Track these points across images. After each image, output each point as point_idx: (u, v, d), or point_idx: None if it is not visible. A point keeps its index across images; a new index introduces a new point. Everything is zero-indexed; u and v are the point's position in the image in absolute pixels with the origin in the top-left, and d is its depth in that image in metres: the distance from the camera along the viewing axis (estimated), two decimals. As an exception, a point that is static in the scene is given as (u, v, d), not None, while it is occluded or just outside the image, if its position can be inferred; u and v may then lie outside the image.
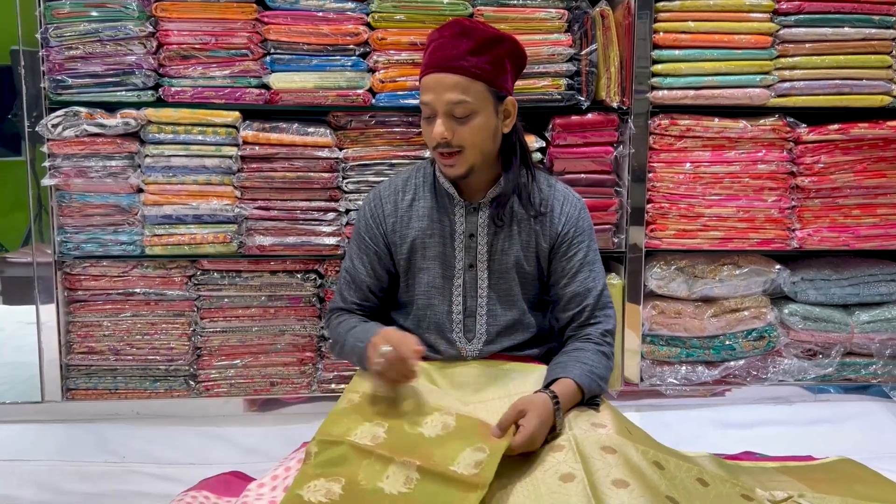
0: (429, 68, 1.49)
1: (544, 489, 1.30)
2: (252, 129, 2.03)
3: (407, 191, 1.64)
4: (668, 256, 2.23)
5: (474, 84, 1.47)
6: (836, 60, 2.15)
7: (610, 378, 1.58)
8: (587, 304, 1.59)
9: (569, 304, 1.60)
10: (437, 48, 1.49)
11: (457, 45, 1.47)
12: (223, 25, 2.01)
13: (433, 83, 1.48)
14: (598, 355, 1.54)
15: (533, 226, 1.60)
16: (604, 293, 1.62)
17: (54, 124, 1.97)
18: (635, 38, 2.09)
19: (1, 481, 1.85)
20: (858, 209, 2.23)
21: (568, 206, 1.62)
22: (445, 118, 1.47)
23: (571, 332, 1.61)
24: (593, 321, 1.59)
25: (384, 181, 1.70)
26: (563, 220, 1.61)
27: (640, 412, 2.21)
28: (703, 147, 2.17)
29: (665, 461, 1.40)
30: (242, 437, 2.08)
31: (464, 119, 1.48)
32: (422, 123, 1.54)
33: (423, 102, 1.50)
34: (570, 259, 1.60)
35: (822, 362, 2.27)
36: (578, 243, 1.61)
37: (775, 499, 1.53)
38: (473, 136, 1.49)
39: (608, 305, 1.62)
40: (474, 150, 1.50)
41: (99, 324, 2.11)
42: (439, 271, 1.61)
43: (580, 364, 1.50)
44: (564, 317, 1.62)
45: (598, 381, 1.50)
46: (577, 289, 1.59)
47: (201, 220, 2.07)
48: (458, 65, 1.46)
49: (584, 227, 1.62)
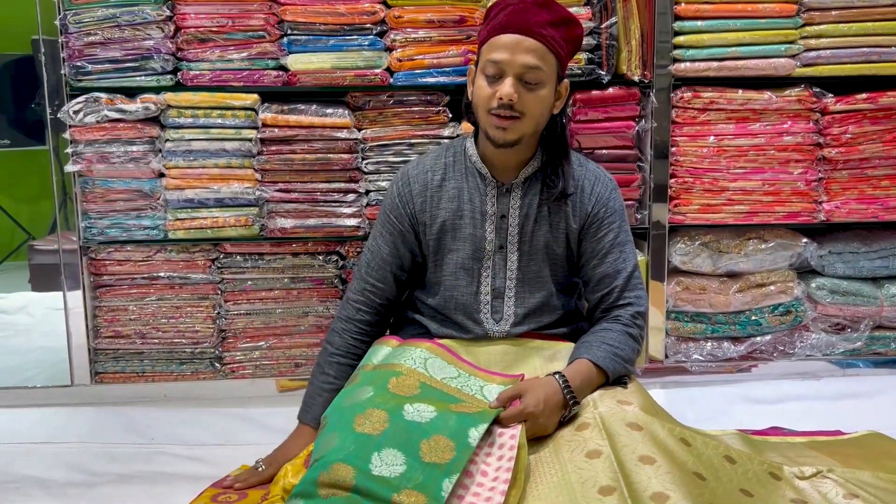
0: (506, 29, 1.46)
1: (571, 466, 1.30)
2: (271, 111, 2.03)
3: (436, 170, 1.62)
4: (692, 232, 2.20)
5: (548, 55, 1.48)
6: (863, 27, 2.09)
7: (636, 358, 1.57)
8: (616, 285, 1.57)
9: (598, 286, 1.59)
10: (518, 12, 1.47)
11: (538, 14, 1.47)
12: (240, 7, 2.00)
13: (510, 43, 1.46)
14: (624, 336, 1.52)
15: (563, 207, 1.59)
16: (634, 275, 1.60)
17: (75, 111, 1.99)
18: (656, 10, 2.05)
19: (33, 463, 1.89)
20: (887, 180, 2.18)
21: (599, 186, 1.60)
22: (515, 80, 1.46)
23: (601, 314, 1.60)
24: (622, 302, 1.58)
25: (412, 161, 1.69)
26: (594, 201, 1.59)
27: (665, 389, 2.20)
28: (727, 120, 2.14)
29: (692, 438, 1.40)
30: (270, 418, 2.09)
31: (532, 86, 1.47)
32: (479, 82, 1.51)
33: (493, 60, 1.47)
34: (601, 240, 1.59)
35: (850, 336, 2.24)
36: (609, 224, 1.59)
37: (803, 474, 1.51)
38: (537, 104, 1.49)
39: (638, 287, 1.60)
40: (532, 120, 1.49)
41: (125, 308, 2.14)
42: (469, 252, 1.60)
43: (604, 345, 1.49)
44: (593, 298, 1.61)
45: (621, 363, 1.49)
46: (606, 270, 1.58)
47: (223, 204, 2.07)
48: (538, 32, 1.46)
49: (614, 207, 1.60)
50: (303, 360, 2.19)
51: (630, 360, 1.52)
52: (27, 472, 1.85)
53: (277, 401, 2.15)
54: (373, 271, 1.68)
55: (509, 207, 1.59)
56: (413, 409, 1.36)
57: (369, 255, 1.68)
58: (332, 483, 1.24)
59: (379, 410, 1.35)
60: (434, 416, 1.35)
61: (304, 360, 2.19)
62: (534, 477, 1.31)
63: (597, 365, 1.46)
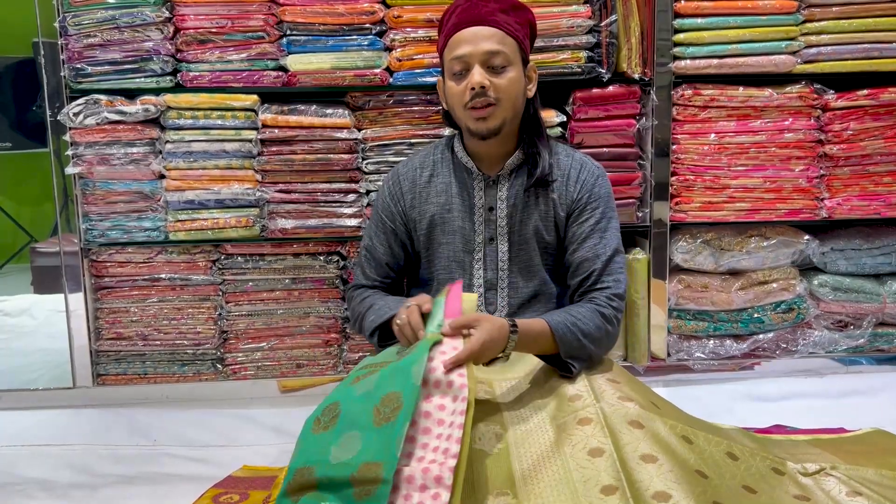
0: (459, 26, 1.51)
1: (573, 464, 1.29)
2: (271, 112, 2.03)
3: (425, 167, 1.65)
4: (694, 229, 2.20)
5: (508, 39, 1.51)
6: (864, 24, 2.09)
7: (607, 338, 1.52)
8: (594, 268, 1.55)
9: (577, 270, 1.58)
10: (467, 8, 1.52)
11: (486, 5, 1.51)
12: (239, 8, 2.00)
13: (469, 35, 1.50)
14: (592, 313, 1.50)
15: (550, 194, 1.60)
16: (614, 259, 1.57)
17: (75, 112, 1.99)
18: (656, 8, 2.05)
19: (37, 465, 1.89)
20: (889, 176, 2.18)
21: (585, 173, 1.61)
22: (482, 67, 1.49)
23: (578, 298, 1.59)
24: (600, 286, 1.55)
25: (402, 160, 1.71)
26: (579, 187, 1.60)
27: (668, 387, 2.19)
28: (728, 117, 2.13)
29: (694, 435, 1.39)
30: (271, 418, 2.10)
31: (500, 70, 1.50)
32: (448, 84, 1.55)
33: (456, 57, 1.50)
34: (581, 224, 1.59)
35: (853, 333, 2.24)
36: (592, 209, 1.59)
37: (807, 471, 1.51)
38: (509, 87, 1.51)
39: (617, 272, 1.57)
40: (508, 102, 1.51)
41: (126, 310, 2.14)
42: (460, 246, 1.62)
43: (565, 314, 1.47)
44: (573, 283, 1.60)
45: (578, 335, 1.45)
46: (585, 254, 1.57)
47: (223, 205, 2.08)
48: (491, 19, 1.50)
49: (599, 193, 1.60)
50: (304, 361, 2.19)
51: (591, 335, 1.47)
52: (31, 473, 1.86)
53: (279, 401, 2.16)
54: (372, 270, 1.70)
55: (497, 199, 1.60)
56: (362, 385, 1.31)
57: (367, 253, 1.71)
58: (299, 487, 1.21)
59: (332, 404, 1.30)
60: (378, 377, 1.30)
61: (305, 360, 2.19)
62: (535, 471, 1.31)
63: (551, 329, 1.44)
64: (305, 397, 2.16)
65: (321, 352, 2.19)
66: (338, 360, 2.20)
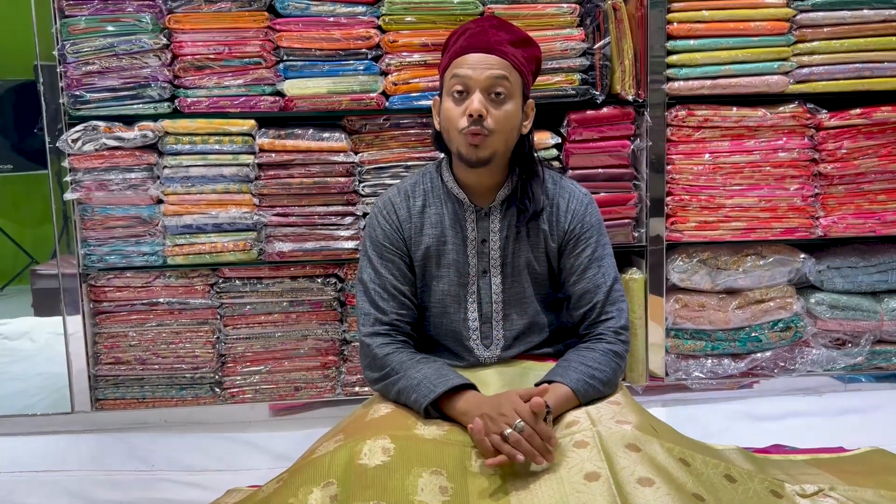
0: (467, 50, 1.49)
1: (569, 488, 1.29)
2: (268, 136, 2.05)
3: (416, 196, 1.61)
4: (690, 249, 2.20)
5: (513, 72, 1.50)
6: (855, 44, 2.11)
7: (619, 376, 1.55)
8: (597, 300, 1.57)
9: (579, 302, 1.59)
10: (477, 34, 1.50)
11: (497, 34, 1.50)
12: (236, 34, 2.02)
13: (475, 60, 1.48)
14: (606, 356, 1.52)
15: (541, 225, 1.59)
16: (614, 288, 1.59)
17: (74, 139, 2.00)
18: (649, 30, 2.07)
19: (35, 492, 1.89)
20: (884, 194, 2.18)
21: (574, 202, 1.60)
22: (483, 94, 1.47)
23: (585, 331, 1.60)
24: (604, 317, 1.57)
25: (390, 188, 1.67)
26: (570, 218, 1.59)
27: (666, 407, 2.19)
28: (722, 137, 2.14)
29: (691, 458, 1.39)
30: (270, 442, 2.10)
31: (499, 100, 1.48)
32: (446, 105, 1.51)
33: (458, 76, 1.48)
34: (578, 256, 1.59)
35: (851, 351, 2.23)
36: (586, 240, 1.59)
37: (805, 493, 1.51)
38: (506, 120, 1.49)
39: (619, 300, 1.59)
40: (501, 136, 1.50)
41: (125, 334, 2.14)
42: (455, 279, 1.59)
43: (581, 366, 1.49)
44: (576, 315, 1.60)
45: (597, 386, 1.48)
46: (586, 286, 1.58)
47: (221, 229, 2.08)
48: (500, 49, 1.49)
49: (591, 222, 1.60)
50: (303, 384, 2.19)
51: (609, 381, 1.50)
52: (29, 500, 1.86)
53: (277, 425, 2.15)
54: (388, 303, 1.56)
55: (489, 231, 1.58)
56: None
57: (377, 288, 1.57)
58: None
59: None
60: None
61: (303, 383, 2.18)
62: (530, 493, 1.30)
63: (573, 390, 1.46)
64: (303, 420, 2.16)
65: (319, 374, 2.19)
66: (336, 382, 2.20)
